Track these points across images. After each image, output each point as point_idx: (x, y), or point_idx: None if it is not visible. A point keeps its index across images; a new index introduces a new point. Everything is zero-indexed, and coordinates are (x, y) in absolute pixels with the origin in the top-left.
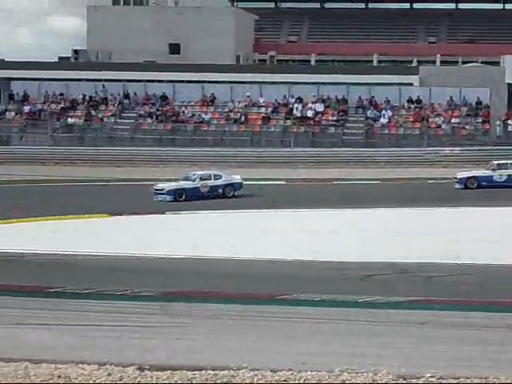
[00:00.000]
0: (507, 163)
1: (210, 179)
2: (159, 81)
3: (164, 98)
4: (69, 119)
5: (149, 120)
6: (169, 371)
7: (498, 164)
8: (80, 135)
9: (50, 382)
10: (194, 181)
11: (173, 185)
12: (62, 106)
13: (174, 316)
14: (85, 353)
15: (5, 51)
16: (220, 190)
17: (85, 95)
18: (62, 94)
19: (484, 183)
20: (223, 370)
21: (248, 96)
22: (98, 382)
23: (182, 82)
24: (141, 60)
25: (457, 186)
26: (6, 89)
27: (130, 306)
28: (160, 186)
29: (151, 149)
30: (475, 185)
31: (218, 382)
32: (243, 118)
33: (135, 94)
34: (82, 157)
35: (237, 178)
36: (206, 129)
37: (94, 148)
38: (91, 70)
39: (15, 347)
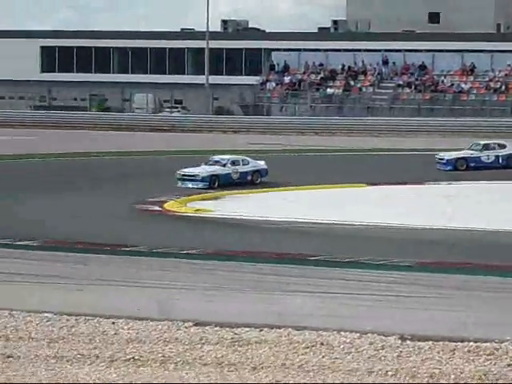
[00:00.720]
0: (493, 143)
1: (240, 164)
2: (418, 50)
3: (423, 67)
4: (328, 89)
5: (407, 90)
6: (430, 341)
7: (483, 144)
8: (338, 105)
9: (313, 348)
10: (224, 166)
11: (209, 170)
12: (321, 76)
13: (431, 287)
14: (347, 321)
15: (266, 22)
16: (249, 177)
17: (344, 65)
18: (321, 65)
19: (472, 164)
20: (485, 342)
21: (509, 65)
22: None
23: (441, 51)
24: (399, 29)
25: (440, 167)
26: (266, 60)
27: (388, 276)
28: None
29: (409, 119)
30: (464, 166)
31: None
32: (503, 87)
33: (394, 63)
34: (340, 127)
35: (262, 164)
36: (465, 98)
37: (352, 118)
38: (350, 41)
39: (279, 314)
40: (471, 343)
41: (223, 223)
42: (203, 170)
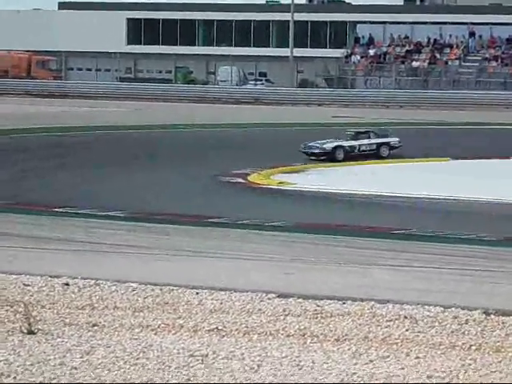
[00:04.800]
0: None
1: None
2: (505, 23)
3: (510, 40)
4: (413, 62)
5: (494, 63)
6: None
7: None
8: (424, 78)
9: (396, 321)
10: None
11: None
12: (406, 49)
13: None
14: (430, 295)
15: None
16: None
17: (429, 38)
18: (406, 37)
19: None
20: None
21: None
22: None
23: None
24: (486, 3)
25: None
26: (351, 32)
27: (474, 250)
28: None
29: (496, 92)
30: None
31: None
32: None
33: (480, 37)
34: (425, 100)
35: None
36: None
37: (437, 91)
38: (436, 13)
39: (360, 286)
40: None
41: (306, 196)
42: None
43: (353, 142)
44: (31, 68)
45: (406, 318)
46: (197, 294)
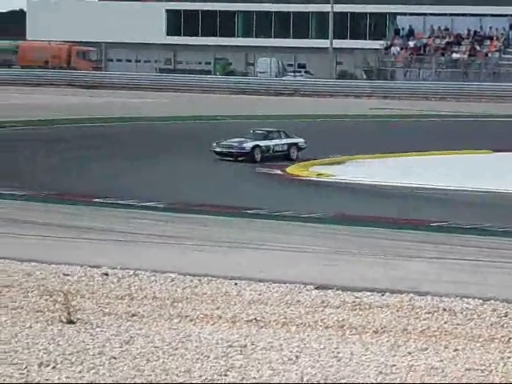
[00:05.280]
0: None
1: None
2: None
3: None
4: (453, 54)
5: None
6: None
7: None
8: (464, 70)
9: (435, 313)
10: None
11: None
12: (446, 40)
13: None
14: (470, 287)
15: None
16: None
17: (469, 30)
18: (446, 29)
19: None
20: None
21: None
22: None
23: None
24: None
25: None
26: (391, 24)
27: (509, 242)
28: None
29: None
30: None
31: None
32: None
33: None
34: (465, 92)
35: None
36: None
37: (477, 83)
38: (476, 5)
39: (399, 279)
40: None
41: (345, 188)
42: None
43: (267, 142)
44: (71, 58)
45: (444, 310)
46: (235, 284)
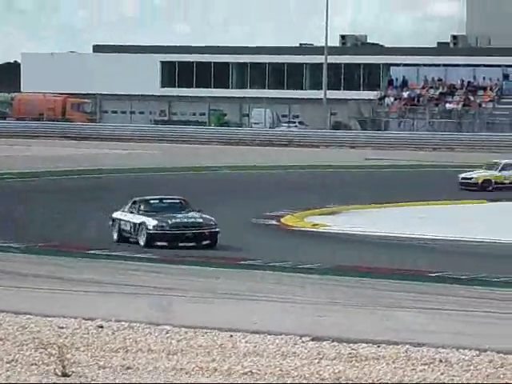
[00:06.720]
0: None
1: None
2: None
3: None
4: (447, 104)
5: None
6: None
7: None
8: (457, 121)
9: (431, 365)
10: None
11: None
12: (440, 91)
13: None
14: (465, 338)
15: (384, 37)
16: None
17: (463, 80)
18: (440, 80)
19: None
20: None
21: None
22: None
23: None
24: None
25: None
26: (385, 74)
27: (507, 293)
28: None
29: None
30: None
31: None
32: None
33: None
34: (459, 142)
35: None
36: None
37: (471, 133)
38: (470, 56)
39: (395, 330)
40: None
41: (340, 238)
42: None
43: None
44: (66, 110)
45: (441, 361)
46: (231, 336)
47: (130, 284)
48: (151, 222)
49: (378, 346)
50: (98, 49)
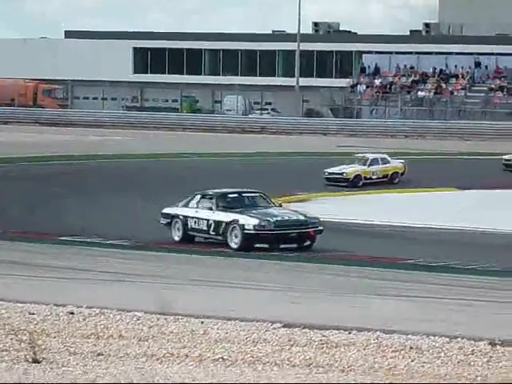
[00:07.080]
0: None
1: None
2: (511, 54)
3: None
4: (419, 92)
5: (499, 94)
6: None
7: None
8: (429, 108)
9: (402, 352)
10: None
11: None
12: (412, 79)
13: None
14: (436, 325)
15: (357, 25)
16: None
17: (435, 68)
18: (412, 67)
19: None
20: None
21: None
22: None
23: None
24: (492, 33)
25: None
26: (357, 62)
27: (478, 281)
28: None
29: (501, 123)
30: None
31: None
32: None
33: (486, 67)
34: (430, 130)
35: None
36: None
37: (442, 121)
38: (442, 43)
39: (367, 317)
40: None
41: None
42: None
43: None
44: (37, 96)
45: (411, 348)
46: (202, 323)
47: (103, 271)
48: (250, 221)
49: (349, 333)
50: (69, 34)
